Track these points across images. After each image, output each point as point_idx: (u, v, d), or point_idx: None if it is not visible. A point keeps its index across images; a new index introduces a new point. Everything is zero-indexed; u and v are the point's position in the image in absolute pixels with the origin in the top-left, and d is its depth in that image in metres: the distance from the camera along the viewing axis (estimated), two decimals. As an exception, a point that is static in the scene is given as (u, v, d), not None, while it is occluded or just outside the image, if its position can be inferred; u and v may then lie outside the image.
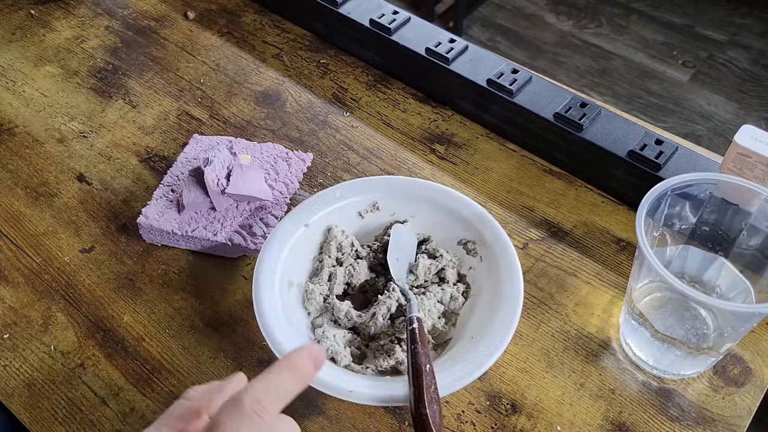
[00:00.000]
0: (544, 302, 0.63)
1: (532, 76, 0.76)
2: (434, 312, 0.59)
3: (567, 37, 2.19)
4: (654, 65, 2.09)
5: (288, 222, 0.62)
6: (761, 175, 0.59)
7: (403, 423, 0.56)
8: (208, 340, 0.61)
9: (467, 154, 0.76)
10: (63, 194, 0.72)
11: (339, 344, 0.57)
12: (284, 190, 0.71)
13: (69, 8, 0.94)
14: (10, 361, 0.59)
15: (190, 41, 0.89)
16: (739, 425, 0.56)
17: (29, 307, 0.63)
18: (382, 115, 0.80)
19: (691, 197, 0.57)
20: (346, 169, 0.74)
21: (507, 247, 0.60)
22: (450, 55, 0.77)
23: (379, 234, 0.66)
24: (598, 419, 0.56)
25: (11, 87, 0.83)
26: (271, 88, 0.83)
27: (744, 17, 2.24)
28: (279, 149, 0.74)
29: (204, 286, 0.64)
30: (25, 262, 0.66)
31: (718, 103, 1.99)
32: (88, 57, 0.87)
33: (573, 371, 0.58)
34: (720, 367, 0.59)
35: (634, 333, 0.58)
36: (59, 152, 0.76)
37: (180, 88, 0.83)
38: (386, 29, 0.81)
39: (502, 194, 0.72)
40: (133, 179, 0.73)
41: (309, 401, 0.57)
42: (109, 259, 0.66)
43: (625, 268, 0.66)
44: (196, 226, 0.66)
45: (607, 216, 0.70)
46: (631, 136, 0.70)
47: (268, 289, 0.57)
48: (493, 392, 0.57)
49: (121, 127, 0.79)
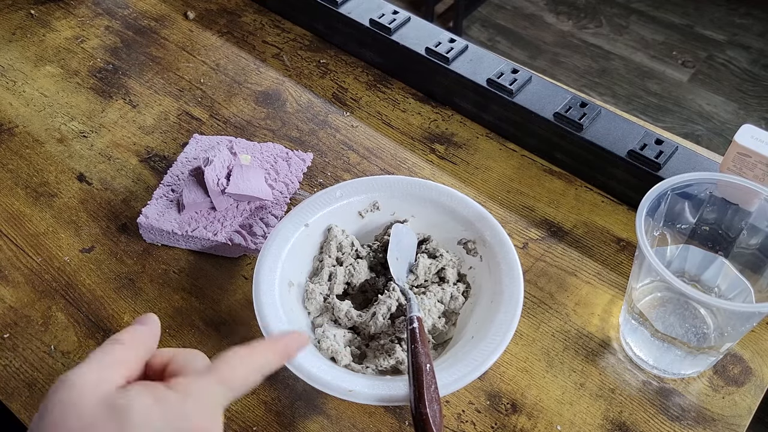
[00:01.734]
0: (544, 302, 0.63)
1: (532, 76, 0.76)
2: (434, 311, 0.59)
3: (567, 37, 2.19)
4: (654, 65, 2.10)
5: (288, 222, 0.62)
6: (761, 175, 0.59)
7: (403, 423, 0.56)
8: (208, 340, 0.61)
9: (467, 154, 0.76)
10: (63, 194, 0.72)
11: (339, 344, 0.57)
12: (284, 190, 0.71)
13: (69, 8, 0.94)
14: (10, 361, 0.59)
15: (190, 41, 0.89)
16: (739, 425, 0.56)
17: (29, 306, 0.63)
18: (382, 115, 0.80)
19: (691, 197, 0.57)
20: (346, 168, 0.74)
21: (507, 246, 0.60)
22: (450, 55, 0.77)
23: (379, 234, 0.66)
24: (598, 419, 0.56)
25: (11, 87, 0.83)
26: (271, 88, 0.83)
27: (744, 17, 2.24)
28: (279, 149, 0.74)
29: (204, 286, 0.64)
30: (26, 262, 0.66)
31: (717, 103, 1.99)
32: (88, 57, 0.87)
33: (573, 371, 0.58)
34: (720, 367, 0.59)
35: (634, 333, 0.58)
36: (59, 152, 0.76)
37: (180, 88, 0.83)
38: (386, 29, 0.81)
39: (502, 194, 0.72)
40: (133, 179, 0.73)
41: (309, 400, 0.57)
42: (109, 259, 0.66)
43: (625, 268, 0.66)
44: (196, 225, 0.66)
45: (607, 216, 0.70)
46: (630, 135, 0.70)
47: (268, 289, 0.57)
48: (493, 392, 0.57)
49: (121, 127, 0.79)
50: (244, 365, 0.37)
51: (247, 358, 0.38)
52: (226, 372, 0.36)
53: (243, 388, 0.37)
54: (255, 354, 0.38)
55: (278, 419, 0.56)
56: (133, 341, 0.38)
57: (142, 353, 0.38)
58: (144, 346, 0.38)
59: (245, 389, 0.37)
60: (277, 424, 0.56)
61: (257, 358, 0.38)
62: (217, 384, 0.36)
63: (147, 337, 0.39)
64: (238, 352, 0.38)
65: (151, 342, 0.39)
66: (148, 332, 0.39)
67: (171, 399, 0.34)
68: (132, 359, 0.37)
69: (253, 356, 0.38)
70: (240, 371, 0.37)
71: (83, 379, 0.34)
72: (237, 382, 0.37)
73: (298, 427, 0.55)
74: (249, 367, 0.38)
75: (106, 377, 0.34)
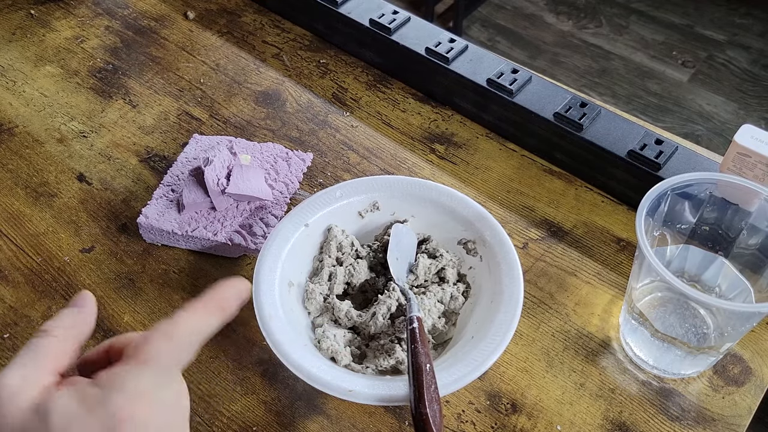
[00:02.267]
0: (544, 302, 0.63)
1: (532, 75, 0.76)
2: (434, 312, 0.59)
3: (567, 37, 2.19)
4: (653, 65, 2.10)
5: (288, 222, 0.62)
6: (761, 175, 0.59)
7: (403, 423, 0.56)
8: (208, 340, 0.60)
9: (467, 154, 0.76)
10: (63, 194, 0.72)
11: (339, 344, 0.57)
12: (284, 190, 0.71)
13: (69, 8, 0.94)
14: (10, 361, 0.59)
15: (190, 41, 0.89)
16: (739, 425, 0.56)
17: (29, 306, 0.63)
18: (382, 115, 0.80)
19: (691, 197, 0.57)
20: (346, 168, 0.74)
21: (507, 246, 0.60)
22: (450, 55, 0.77)
23: (379, 234, 0.66)
24: (598, 419, 0.56)
25: (11, 87, 0.83)
26: (271, 88, 0.83)
27: (744, 17, 2.24)
28: (279, 149, 0.74)
29: (204, 286, 0.64)
30: (25, 262, 0.66)
31: (717, 103, 1.99)
32: (88, 57, 0.87)
33: (573, 371, 0.58)
34: (720, 367, 0.59)
35: (634, 333, 0.58)
36: (59, 152, 0.76)
37: (180, 88, 0.83)
38: (386, 29, 0.81)
39: (502, 194, 0.72)
40: (133, 179, 0.73)
41: (309, 400, 0.57)
42: (109, 259, 0.66)
43: (625, 268, 0.66)
44: (196, 225, 0.66)
45: (607, 216, 0.70)
46: (630, 136, 0.70)
47: (268, 289, 0.57)
48: (493, 392, 0.57)
49: (121, 127, 0.79)
50: (166, 336, 0.36)
51: (170, 329, 0.36)
52: (146, 350, 0.35)
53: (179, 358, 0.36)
54: (178, 322, 0.37)
55: (278, 419, 0.56)
56: (61, 330, 0.36)
57: (71, 343, 0.36)
58: (74, 332, 0.37)
59: (184, 359, 0.36)
60: (277, 424, 0.56)
61: (182, 325, 0.37)
62: (138, 367, 0.34)
63: (78, 322, 0.37)
64: (160, 326, 0.36)
65: (83, 326, 0.37)
66: (79, 317, 0.37)
67: (92, 395, 0.33)
68: (60, 351, 0.35)
69: (177, 325, 0.36)
70: (162, 344, 0.35)
71: (8, 386, 0.33)
72: (164, 356, 0.35)
73: (298, 427, 0.55)
74: (175, 336, 0.36)
75: (31, 380, 0.34)
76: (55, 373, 0.35)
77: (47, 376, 0.34)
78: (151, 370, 0.34)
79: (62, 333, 0.36)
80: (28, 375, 0.34)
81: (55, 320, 0.37)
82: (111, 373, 0.34)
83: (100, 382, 0.34)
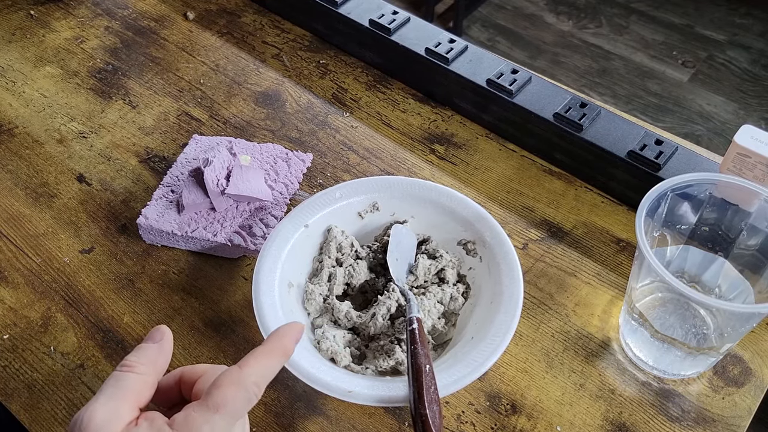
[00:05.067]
0: (544, 302, 0.63)
1: (532, 76, 0.76)
2: (434, 312, 0.59)
3: (567, 37, 2.19)
4: (654, 65, 2.09)
5: (288, 222, 0.62)
6: (761, 175, 0.59)
7: (403, 423, 0.56)
8: (208, 341, 0.60)
9: (467, 155, 0.76)
10: (63, 195, 0.72)
11: (339, 344, 0.57)
12: (284, 191, 0.71)
13: (69, 8, 0.94)
14: (9, 362, 0.59)
15: (189, 41, 0.89)
16: (739, 425, 0.55)
17: (29, 307, 0.63)
18: (382, 116, 0.80)
19: (691, 197, 0.57)
20: (345, 169, 0.74)
21: (507, 247, 0.60)
22: (450, 55, 0.77)
23: (379, 234, 0.66)
24: (598, 419, 0.56)
25: (11, 87, 0.83)
26: (270, 89, 0.83)
27: (744, 17, 2.24)
28: (279, 149, 0.74)
29: (204, 286, 0.64)
30: (25, 263, 0.66)
31: (717, 103, 1.99)
32: (88, 57, 0.87)
33: (573, 371, 0.58)
34: (720, 367, 0.59)
35: (634, 333, 0.58)
36: (59, 153, 0.76)
37: (180, 88, 0.83)
38: (386, 29, 0.81)
39: (502, 194, 0.72)
40: (133, 180, 0.73)
41: (309, 401, 0.57)
42: (109, 260, 0.66)
43: (625, 268, 0.66)
44: (196, 226, 0.66)
45: (606, 216, 0.70)
46: (630, 136, 0.70)
47: (268, 290, 0.57)
48: (493, 392, 0.57)
49: (120, 128, 0.79)
50: (237, 384, 0.38)
51: (240, 376, 0.38)
52: (219, 397, 0.37)
53: (249, 406, 0.38)
54: (246, 370, 0.38)
55: (278, 420, 0.56)
56: (142, 366, 0.38)
57: (152, 378, 0.39)
58: (154, 368, 0.39)
59: (252, 404, 0.38)
60: (277, 425, 0.55)
61: (250, 371, 0.38)
62: (212, 413, 0.36)
63: (157, 357, 0.39)
64: (231, 373, 0.38)
65: (161, 362, 0.40)
66: (158, 352, 0.40)
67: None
68: (142, 387, 0.38)
69: (245, 372, 0.38)
70: (233, 392, 0.37)
71: (95, 420, 0.35)
72: (236, 404, 0.37)
73: (298, 428, 0.55)
74: (245, 383, 0.38)
75: (116, 414, 0.36)
76: (137, 408, 0.37)
77: (131, 412, 0.36)
78: (223, 419, 0.37)
79: (144, 369, 0.38)
80: (114, 410, 0.36)
81: (137, 355, 0.39)
82: (187, 416, 0.36)
83: (177, 426, 0.36)
